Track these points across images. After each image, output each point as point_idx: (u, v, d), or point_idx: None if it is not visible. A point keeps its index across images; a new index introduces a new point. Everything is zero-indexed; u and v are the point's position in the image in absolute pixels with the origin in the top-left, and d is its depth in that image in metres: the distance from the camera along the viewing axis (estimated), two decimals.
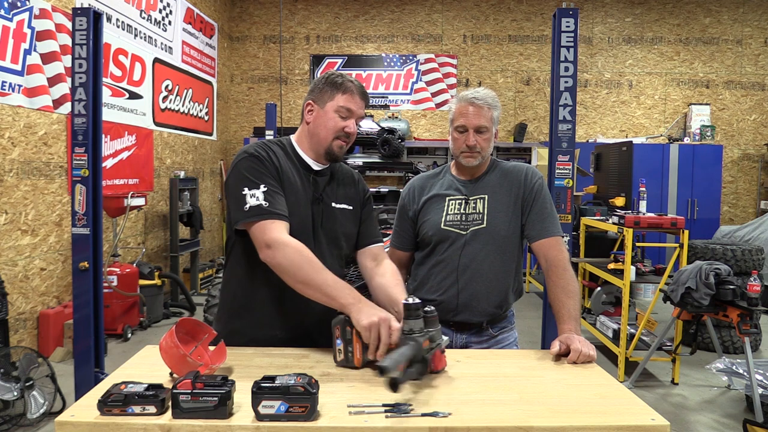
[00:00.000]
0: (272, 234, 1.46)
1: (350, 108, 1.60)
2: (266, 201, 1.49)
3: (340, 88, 1.60)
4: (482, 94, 1.79)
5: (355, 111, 1.61)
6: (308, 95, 1.66)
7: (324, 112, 1.61)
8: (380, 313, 1.36)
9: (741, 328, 3.25)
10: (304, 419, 1.09)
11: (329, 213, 1.65)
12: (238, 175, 1.54)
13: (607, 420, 1.13)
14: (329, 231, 1.64)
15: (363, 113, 1.65)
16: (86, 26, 3.06)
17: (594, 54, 8.31)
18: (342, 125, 1.60)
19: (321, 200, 1.64)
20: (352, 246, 1.73)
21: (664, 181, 7.58)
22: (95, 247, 3.16)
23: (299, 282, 1.45)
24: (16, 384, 3.00)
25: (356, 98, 1.61)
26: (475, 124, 1.78)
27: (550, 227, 1.81)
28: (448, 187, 1.89)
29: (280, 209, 1.51)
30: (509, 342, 1.89)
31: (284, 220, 1.50)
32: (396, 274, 1.70)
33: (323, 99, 1.61)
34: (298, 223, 1.56)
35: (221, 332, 1.61)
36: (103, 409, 1.10)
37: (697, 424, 3.32)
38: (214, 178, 8.03)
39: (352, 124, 1.61)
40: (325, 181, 1.67)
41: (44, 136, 4.27)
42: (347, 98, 1.60)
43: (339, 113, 1.59)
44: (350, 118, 1.61)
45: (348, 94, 1.60)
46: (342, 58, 8.40)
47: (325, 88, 1.61)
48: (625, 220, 4.01)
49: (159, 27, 6.15)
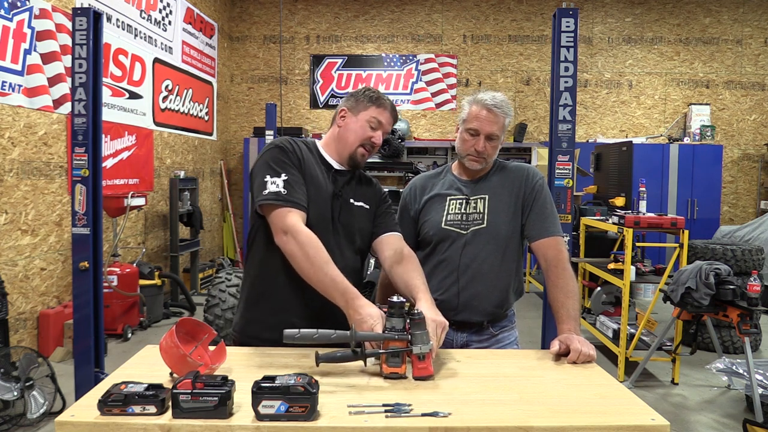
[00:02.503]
0: (289, 221, 1.53)
1: (381, 120, 1.72)
2: (285, 189, 1.57)
3: (376, 102, 1.73)
4: (500, 102, 1.79)
5: (384, 124, 1.73)
6: (343, 103, 1.77)
7: (356, 120, 1.72)
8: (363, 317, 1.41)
9: (741, 328, 3.25)
10: (304, 419, 1.09)
11: (347, 208, 1.71)
12: (262, 163, 1.63)
13: (607, 420, 1.13)
14: (346, 225, 1.70)
15: (389, 129, 1.77)
16: (86, 26, 3.06)
17: (594, 54, 8.31)
18: (370, 134, 1.71)
19: (340, 196, 1.70)
20: (367, 242, 1.78)
21: (664, 181, 7.58)
22: (95, 247, 3.16)
23: (304, 272, 1.51)
24: (16, 384, 3.00)
25: (387, 114, 1.73)
26: (488, 131, 1.78)
27: (550, 227, 1.81)
28: (449, 186, 1.90)
29: (298, 198, 1.58)
30: (510, 341, 1.90)
31: (302, 210, 1.57)
32: (414, 261, 1.71)
33: (358, 108, 1.73)
34: (317, 215, 1.63)
35: (239, 322, 1.71)
36: (103, 409, 1.10)
37: (697, 424, 3.32)
38: (214, 178, 8.03)
39: (379, 136, 1.73)
40: (345, 180, 1.74)
41: (44, 136, 4.27)
42: (380, 111, 1.72)
43: (370, 123, 1.71)
44: (378, 129, 1.72)
45: (382, 108, 1.72)
46: (342, 58, 8.40)
47: (362, 99, 1.74)
48: (625, 220, 4.01)
49: (159, 27, 6.15)
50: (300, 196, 1.59)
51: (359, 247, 1.74)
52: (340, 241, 1.68)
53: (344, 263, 1.62)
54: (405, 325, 1.36)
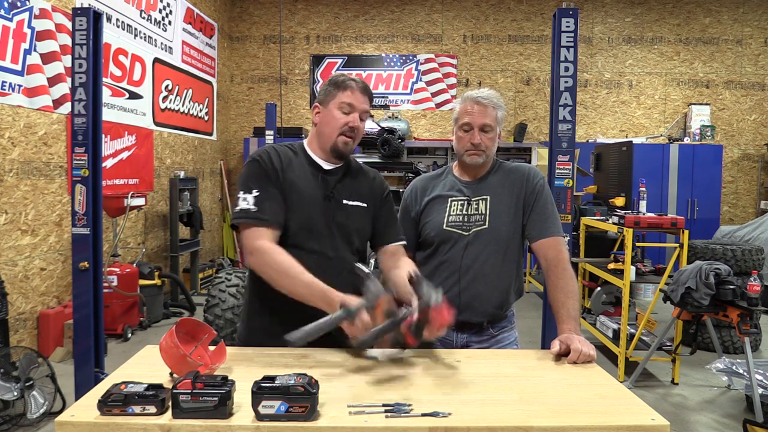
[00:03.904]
0: (254, 241, 1.55)
1: (351, 103, 1.66)
2: (255, 206, 1.58)
3: (341, 86, 1.67)
4: (487, 94, 1.80)
5: (356, 106, 1.67)
6: (315, 99, 1.75)
7: (328, 111, 1.69)
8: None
9: (741, 328, 3.25)
10: (304, 419, 1.09)
11: (341, 210, 1.69)
12: (240, 178, 1.66)
13: (607, 420, 1.13)
14: (341, 226, 1.68)
15: (366, 108, 1.70)
16: (86, 26, 3.06)
17: (594, 54, 8.31)
18: (344, 120, 1.66)
19: (332, 197, 1.68)
20: (365, 241, 1.77)
21: (664, 181, 7.58)
22: (95, 247, 3.16)
23: (280, 287, 1.53)
24: (16, 384, 3.00)
25: (357, 94, 1.67)
26: (480, 122, 1.78)
27: (551, 227, 1.81)
28: (450, 188, 1.90)
29: (267, 215, 1.58)
30: (509, 342, 1.90)
31: (271, 226, 1.58)
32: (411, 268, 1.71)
33: (327, 99, 1.70)
34: (305, 220, 1.63)
35: (243, 332, 1.73)
36: (103, 409, 1.10)
37: (697, 424, 3.32)
38: (214, 178, 8.03)
39: (355, 118, 1.67)
40: (336, 179, 1.72)
41: (44, 136, 4.27)
42: (348, 94, 1.66)
43: (341, 109, 1.66)
44: (352, 112, 1.67)
45: (348, 90, 1.67)
46: (342, 58, 8.40)
47: (329, 89, 1.70)
48: (625, 220, 4.01)
49: (159, 27, 6.14)
50: (271, 211, 1.58)
51: (357, 248, 1.74)
52: (337, 243, 1.66)
53: (342, 266, 1.62)
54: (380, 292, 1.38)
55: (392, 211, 1.82)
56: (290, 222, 1.62)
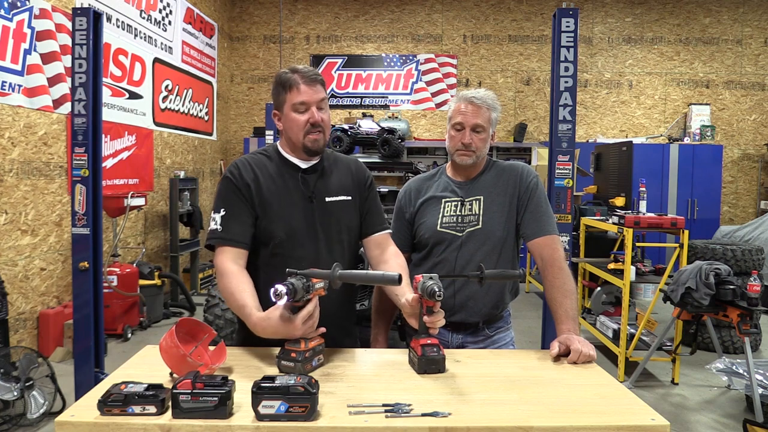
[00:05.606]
0: (219, 263, 1.57)
1: (303, 101, 1.59)
2: (221, 225, 1.59)
3: (287, 86, 1.60)
4: (482, 95, 1.80)
5: (309, 101, 1.59)
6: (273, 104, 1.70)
7: (284, 115, 1.64)
8: (276, 327, 1.38)
9: (741, 328, 3.25)
10: (304, 419, 1.09)
11: (325, 209, 1.66)
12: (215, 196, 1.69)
13: (607, 420, 1.13)
14: (327, 226, 1.66)
15: (319, 97, 1.61)
16: (86, 26, 3.06)
17: (594, 54, 8.31)
18: (304, 120, 1.60)
19: (314, 197, 1.65)
20: (357, 236, 1.75)
21: (664, 181, 7.58)
22: (95, 247, 3.16)
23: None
24: (16, 384, 3.00)
25: (304, 88, 1.59)
26: (472, 122, 1.78)
27: (546, 226, 1.80)
28: (443, 189, 1.89)
29: (232, 234, 1.58)
30: (505, 342, 1.89)
31: (235, 244, 1.58)
32: (398, 258, 1.71)
33: (279, 103, 1.65)
34: (291, 227, 1.61)
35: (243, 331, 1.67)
36: (103, 409, 1.10)
37: (697, 424, 3.32)
38: (214, 178, 8.03)
39: (312, 113, 1.60)
40: (315, 178, 1.68)
41: (44, 136, 4.27)
42: (295, 94, 1.59)
43: (296, 110, 1.60)
44: (308, 109, 1.60)
45: (294, 88, 1.59)
46: (342, 58, 8.40)
47: (278, 91, 1.64)
48: (625, 220, 4.01)
49: (159, 27, 6.14)
50: (236, 229, 1.58)
51: (349, 243, 1.72)
52: (324, 246, 1.64)
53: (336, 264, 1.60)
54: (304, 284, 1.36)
55: (376, 200, 1.78)
56: (275, 231, 1.61)
